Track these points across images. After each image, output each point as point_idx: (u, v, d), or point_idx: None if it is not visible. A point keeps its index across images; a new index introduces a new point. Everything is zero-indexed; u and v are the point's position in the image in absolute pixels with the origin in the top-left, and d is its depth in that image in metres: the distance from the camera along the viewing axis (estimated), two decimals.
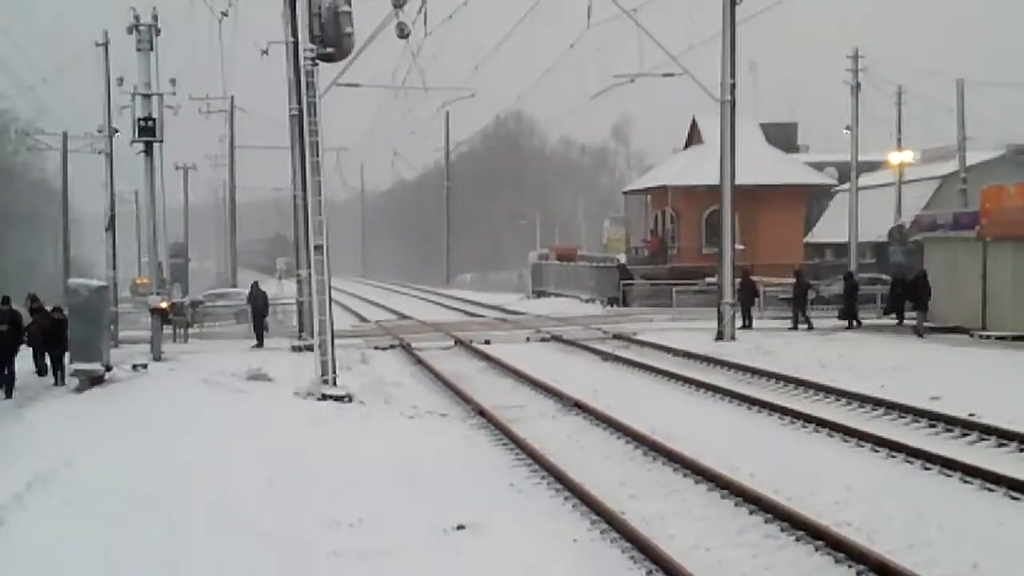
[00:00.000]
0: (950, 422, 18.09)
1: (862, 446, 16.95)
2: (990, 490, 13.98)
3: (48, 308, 27.33)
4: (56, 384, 25.88)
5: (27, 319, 26.87)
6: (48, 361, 26.72)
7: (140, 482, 14.37)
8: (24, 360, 26.52)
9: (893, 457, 16.08)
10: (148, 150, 31.61)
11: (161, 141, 31.51)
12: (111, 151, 39.80)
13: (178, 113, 33.74)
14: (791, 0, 32.79)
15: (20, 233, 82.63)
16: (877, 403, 20.22)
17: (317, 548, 11.79)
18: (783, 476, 14.83)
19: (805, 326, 36.28)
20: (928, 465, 15.34)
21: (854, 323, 36.57)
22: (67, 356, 25.81)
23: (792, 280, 38.52)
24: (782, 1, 33.01)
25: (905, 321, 36.51)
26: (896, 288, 37.53)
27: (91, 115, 42.67)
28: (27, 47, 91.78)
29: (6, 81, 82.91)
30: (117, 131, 38.36)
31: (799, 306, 37.27)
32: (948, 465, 15.04)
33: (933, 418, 18.55)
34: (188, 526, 12.46)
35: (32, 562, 11.40)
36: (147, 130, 31.00)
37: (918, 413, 19.01)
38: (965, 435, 17.49)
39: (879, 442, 16.74)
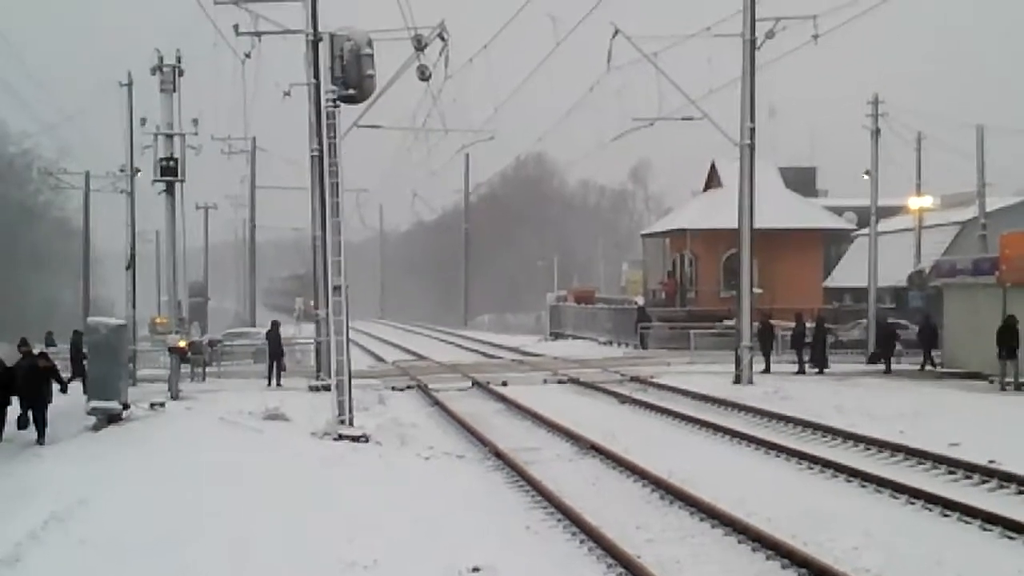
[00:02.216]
0: (969, 469, 17.97)
1: (880, 492, 16.84)
2: (1010, 538, 13.87)
3: (36, 352, 25.27)
4: (38, 442, 22.82)
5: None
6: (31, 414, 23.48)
7: (155, 522, 14.37)
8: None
9: (912, 503, 15.97)
10: (169, 190, 31.78)
11: (183, 181, 31.68)
12: (133, 190, 40.05)
13: (200, 153, 34.02)
14: (811, 45, 32.85)
15: (41, 272, 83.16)
16: (896, 448, 20.11)
17: None
18: (800, 521, 14.74)
19: (816, 370, 36.26)
20: (947, 512, 15.23)
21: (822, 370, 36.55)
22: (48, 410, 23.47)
23: (793, 324, 38.50)
24: (802, 47, 33.14)
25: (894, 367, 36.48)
26: (884, 336, 37.36)
27: (113, 154, 42.97)
28: (50, 87, 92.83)
29: (29, 120, 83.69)
30: (139, 170, 38.61)
31: (799, 349, 37.19)
32: (967, 512, 14.93)
33: (952, 464, 18.42)
34: (203, 567, 12.44)
35: None
36: (169, 170, 31.17)
37: (937, 459, 18.88)
38: (984, 482, 17.37)
39: (898, 488, 16.64)
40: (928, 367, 36.81)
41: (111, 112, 38.76)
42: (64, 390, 24.86)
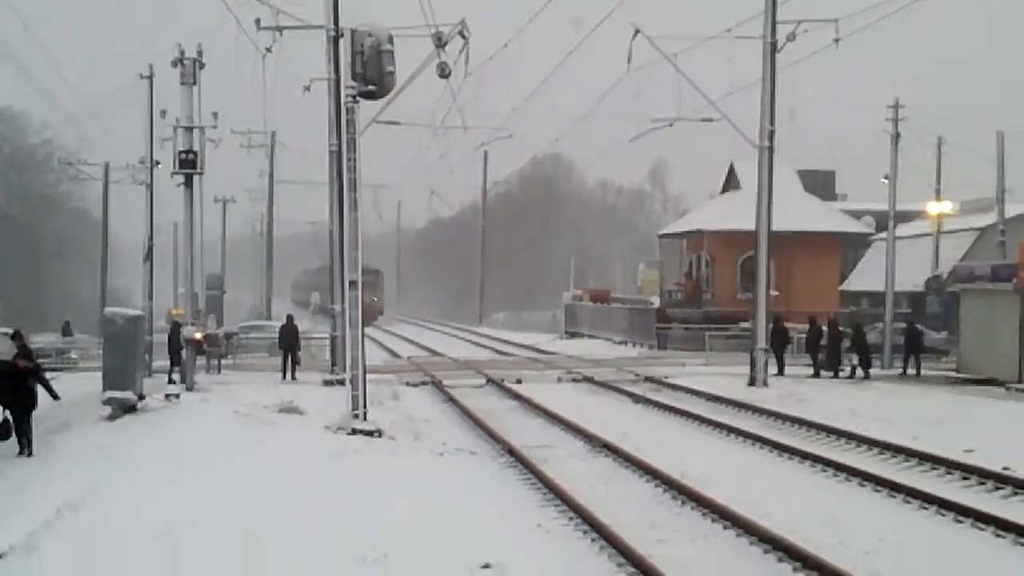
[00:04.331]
0: (983, 475, 17.92)
1: (894, 496, 16.80)
2: (1022, 544, 13.81)
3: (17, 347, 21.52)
4: (21, 454, 19.92)
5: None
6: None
7: (168, 513, 14.37)
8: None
9: (925, 509, 15.93)
10: (188, 182, 31.84)
11: (201, 173, 31.72)
12: (152, 183, 40.16)
13: (219, 146, 34.01)
14: (832, 48, 32.74)
15: (60, 262, 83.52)
16: (910, 454, 20.06)
17: None
18: (813, 524, 14.72)
19: (831, 373, 36.15)
20: (960, 518, 15.18)
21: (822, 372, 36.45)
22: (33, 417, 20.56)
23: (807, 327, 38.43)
24: (823, 50, 33.03)
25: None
26: (855, 339, 37.16)
27: (133, 146, 43.17)
28: (72, 78, 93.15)
29: (50, 112, 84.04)
30: (159, 163, 38.71)
31: (814, 352, 37.11)
32: (980, 518, 14.88)
33: (966, 471, 18.37)
34: (214, 559, 12.45)
35: None
36: (188, 163, 31.20)
37: (951, 465, 18.83)
38: (998, 489, 17.31)
39: (911, 493, 16.60)
40: (911, 371, 36.93)
41: (132, 105, 38.94)
42: (55, 397, 21.61)
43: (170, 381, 31.22)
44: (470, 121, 42.12)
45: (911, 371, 37.00)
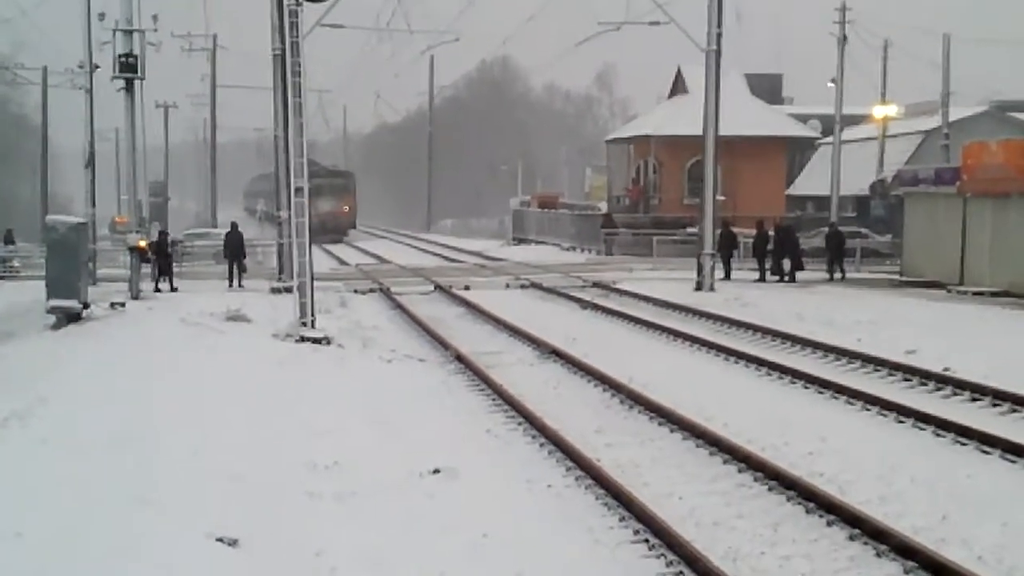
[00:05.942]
0: (925, 376, 18.20)
1: (837, 398, 17.05)
2: (962, 444, 14.09)
3: None
4: None
5: None
6: None
7: (116, 421, 14.32)
8: None
9: (867, 410, 16.18)
10: (129, 87, 31.32)
11: (142, 78, 31.21)
12: (91, 87, 39.38)
13: (160, 50, 33.48)
14: None
15: None
16: (853, 356, 20.33)
17: (293, 489, 11.81)
18: (758, 426, 14.93)
19: (776, 277, 36.46)
20: (902, 418, 15.45)
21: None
22: None
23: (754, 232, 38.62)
24: None
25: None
26: (783, 240, 37.33)
27: (71, 50, 42.26)
28: None
29: None
30: (98, 67, 37.94)
31: (761, 257, 37.36)
32: (921, 419, 15.15)
33: (908, 372, 18.65)
34: (163, 466, 12.42)
35: (11, 494, 11.33)
36: (128, 67, 30.70)
37: (893, 367, 19.11)
38: (939, 389, 17.60)
39: (854, 395, 16.84)
40: (836, 276, 37.23)
41: (69, 6, 38.02)
42: None
43: (157, 289, 33.70)
44: (415, 24, 41.62)
45: (837, 275, 37.22)
